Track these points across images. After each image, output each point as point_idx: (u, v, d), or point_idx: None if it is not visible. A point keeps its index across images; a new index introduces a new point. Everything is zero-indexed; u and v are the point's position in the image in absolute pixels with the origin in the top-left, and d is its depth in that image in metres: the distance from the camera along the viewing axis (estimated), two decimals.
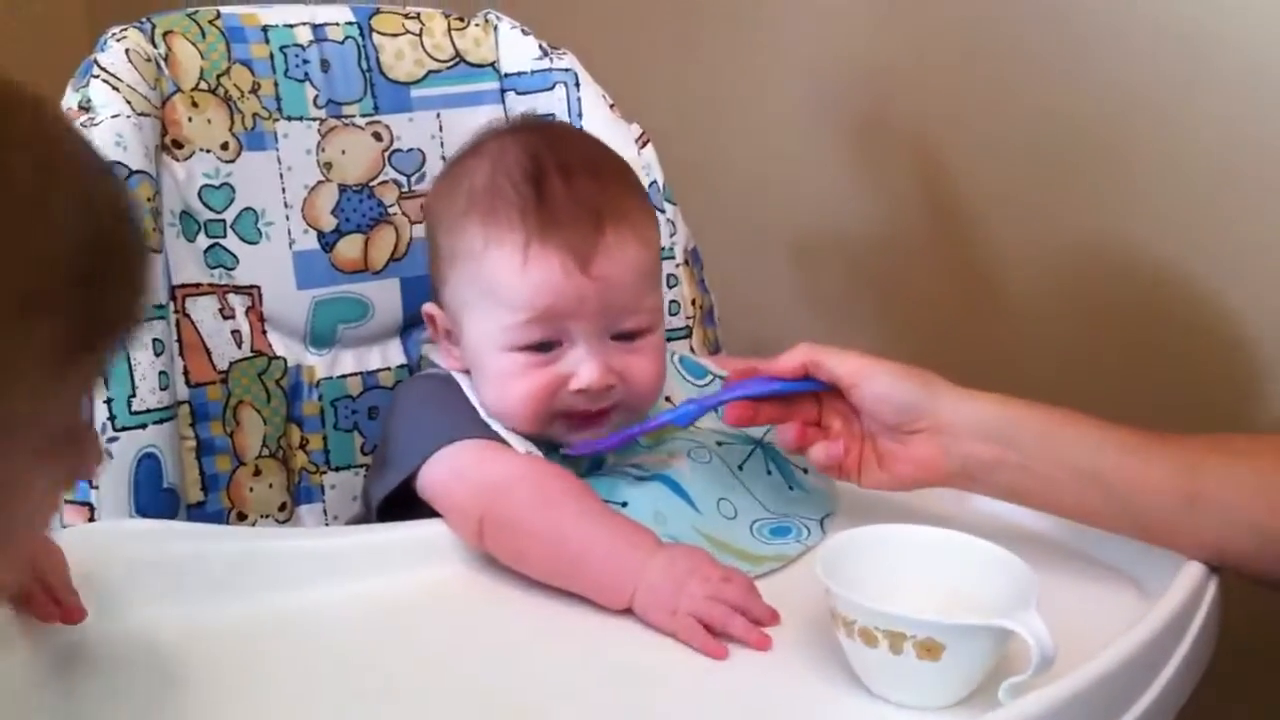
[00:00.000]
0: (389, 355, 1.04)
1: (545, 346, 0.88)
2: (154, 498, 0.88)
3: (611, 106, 1.07)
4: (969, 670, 0.70)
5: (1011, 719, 0.66)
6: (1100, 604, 0.83)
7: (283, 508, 0.98)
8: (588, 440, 0.90)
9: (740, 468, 0.93)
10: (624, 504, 0.86)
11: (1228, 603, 0.83)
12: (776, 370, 0.87)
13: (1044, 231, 1.27)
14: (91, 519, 0.85)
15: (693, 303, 1.09)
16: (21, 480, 0.52)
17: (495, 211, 0.89)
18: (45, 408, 0.51)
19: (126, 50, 0.93)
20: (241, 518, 0.96)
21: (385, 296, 1.03)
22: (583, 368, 0.88)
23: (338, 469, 1.01)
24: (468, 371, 0.93)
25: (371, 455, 1.01)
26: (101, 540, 0.79)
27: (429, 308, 0.94)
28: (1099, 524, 0.84)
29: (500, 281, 0.88)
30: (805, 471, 0.95)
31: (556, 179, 0.90)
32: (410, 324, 1.04)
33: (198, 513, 0.94)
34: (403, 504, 0.88)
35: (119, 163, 0.89)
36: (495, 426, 0.90)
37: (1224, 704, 0.95)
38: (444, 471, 0.86)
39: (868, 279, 1.27)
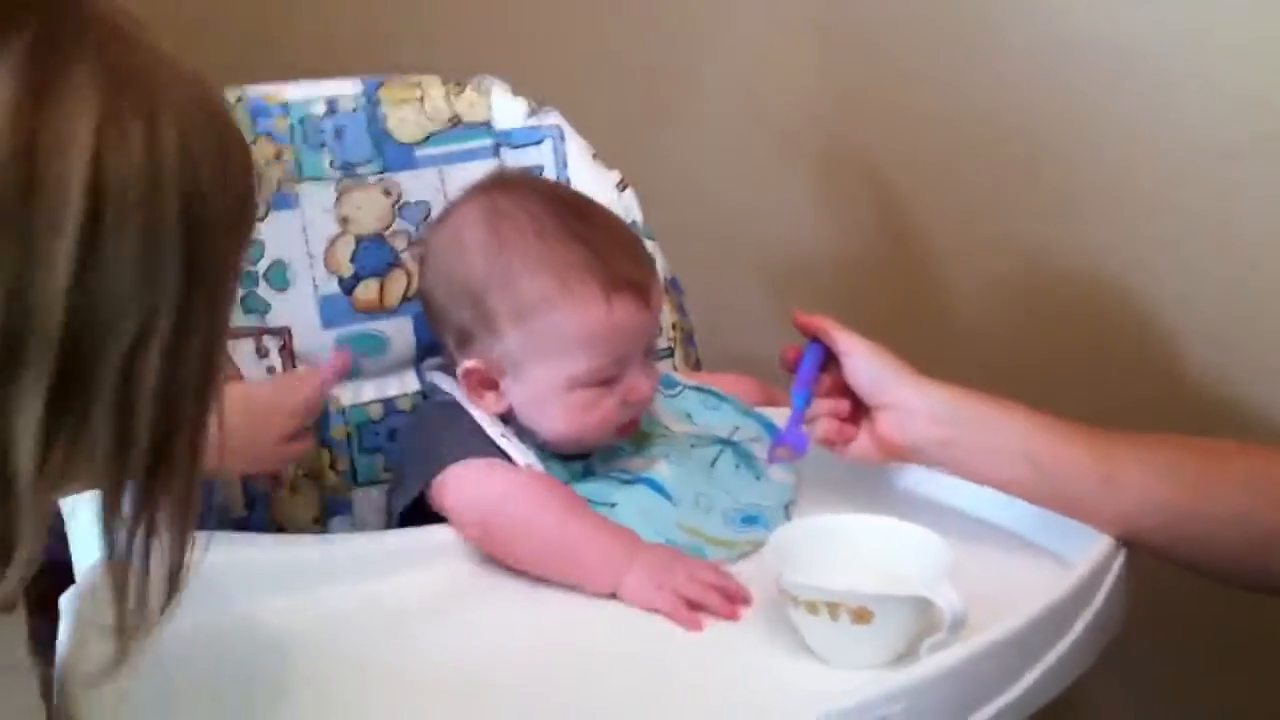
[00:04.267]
0: (406, 383, 1.15)
1: (612, 378, 0.99)
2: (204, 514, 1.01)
3: (594, 156, 1.19)
4: (897, 633, 0.83)
5: (928, 671, 0.78)
6: (1023, 576, 0.94)
7: (316, 520, 1.11)
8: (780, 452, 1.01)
9: (712, 465, 1.04)
10: (613, 505, 0.97)
11: (1140, 581, 0.94)
12: (812, 329, 1.01)
13: (990, 249, 1.36)
14: None
15: (673, 326, 1.20)
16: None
17: (563, 265, 0.97)
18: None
19: None
20: (280, 529, 1.09)
21: (400, 332, 1.14)
22: (641, 383, 0.99)
23: (364, 485, 1.13)
24: (506, 413, 1.01)
25: (392, 472, 1.14)
26: None
27: (471, 364, 1.01)
28: (1030, 498, 0.96)
29: (584, 330, 0.96)
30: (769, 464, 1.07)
31: (588, 224, 1.00)
32: (423, 354, 1.15)
33: (242, 525, 1.06)
34: (420, 515, 0.99)
35: None
36: (502, 444, 1.00)
37: (1130, 674, 1.06)
38: (453, 484, 0.97)
39: (830, 298, 1.38)
